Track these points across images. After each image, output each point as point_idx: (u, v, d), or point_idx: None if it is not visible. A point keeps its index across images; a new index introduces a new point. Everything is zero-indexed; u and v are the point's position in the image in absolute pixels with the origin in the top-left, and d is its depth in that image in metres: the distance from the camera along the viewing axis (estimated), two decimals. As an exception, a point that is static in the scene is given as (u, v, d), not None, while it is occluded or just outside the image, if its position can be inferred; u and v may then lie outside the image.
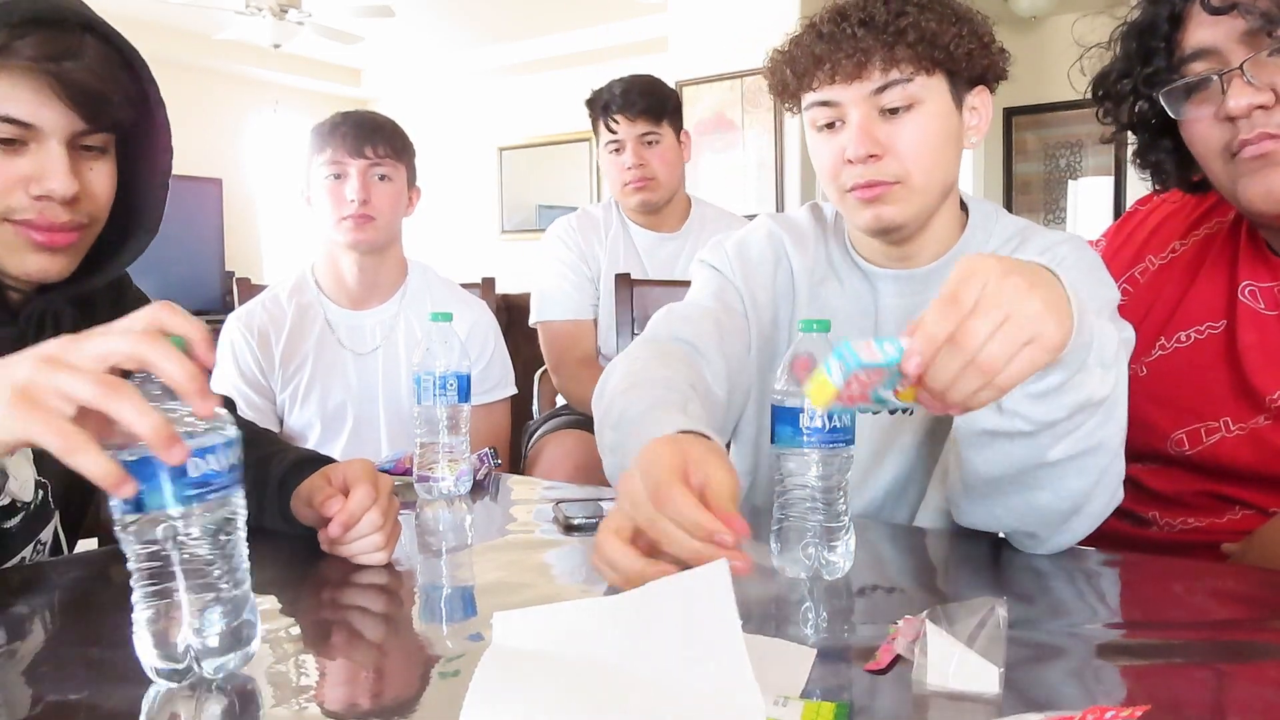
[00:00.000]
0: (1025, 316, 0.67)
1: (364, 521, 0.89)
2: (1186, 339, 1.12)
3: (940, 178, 1.05)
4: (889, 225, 1.04)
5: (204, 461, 0.60)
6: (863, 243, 1.14)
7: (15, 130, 0.85)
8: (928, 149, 1.02)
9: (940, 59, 1.01)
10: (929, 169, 1.03)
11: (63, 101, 0.85)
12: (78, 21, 0.86)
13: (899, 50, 0.99)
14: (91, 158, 0.91)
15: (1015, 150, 6.40)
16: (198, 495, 0.60)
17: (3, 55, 0.82)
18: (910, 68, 1.00)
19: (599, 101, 2.16)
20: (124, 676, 0.63)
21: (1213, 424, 1.07)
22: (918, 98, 1.01)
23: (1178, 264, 1.17)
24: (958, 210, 1.13)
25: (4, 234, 0.88)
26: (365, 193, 1.67)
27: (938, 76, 1.02)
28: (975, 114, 1.08)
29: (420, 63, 7.78)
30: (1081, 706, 0.52)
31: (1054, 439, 0.82)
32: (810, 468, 0.82)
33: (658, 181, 2.13)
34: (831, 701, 0.57)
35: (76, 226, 0.90)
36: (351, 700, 0.65)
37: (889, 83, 1.00)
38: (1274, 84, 0.92)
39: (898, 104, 1.01)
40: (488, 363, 1.80)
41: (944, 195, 1.07)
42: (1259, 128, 0.94)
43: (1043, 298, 0.68)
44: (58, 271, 0.92)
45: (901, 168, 1.02)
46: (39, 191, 0.86)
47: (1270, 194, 0.97)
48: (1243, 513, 1.06)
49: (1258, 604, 0.83)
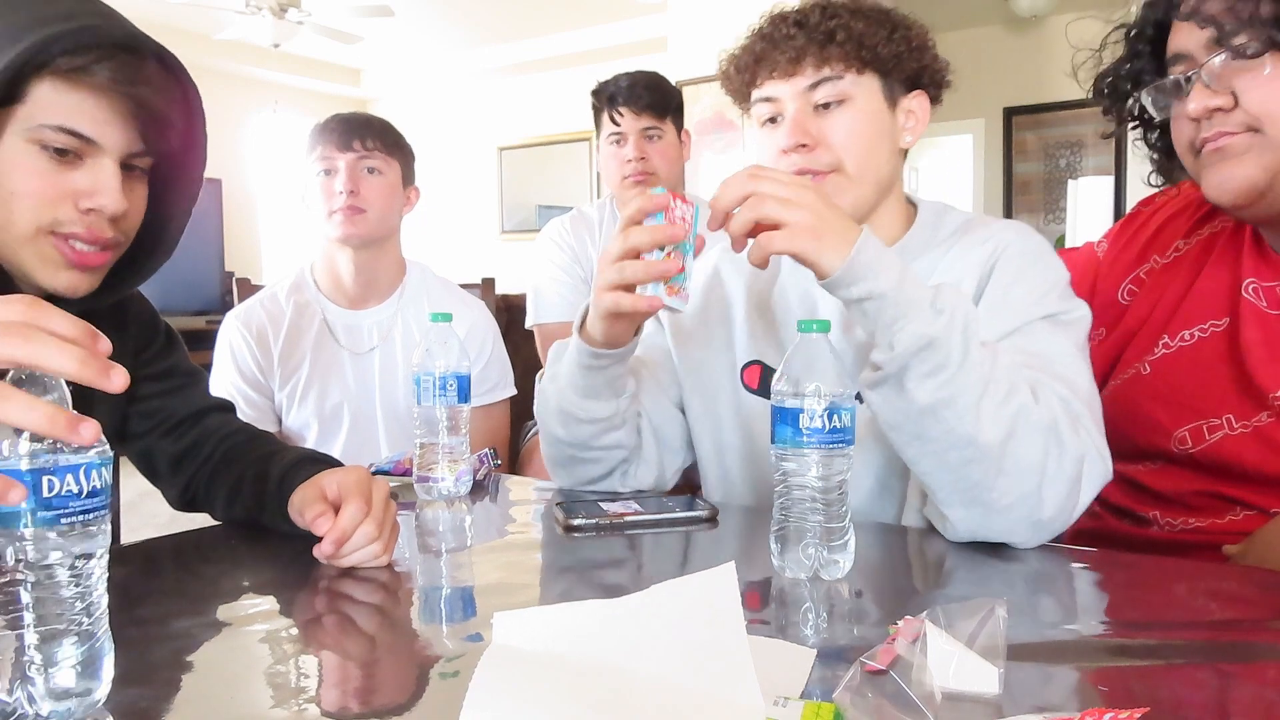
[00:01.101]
0: (805, 205, 0.91)
1: (358, 535, 0.89)
2: (1190, 337, 1.12)
3: (874, 171, 1.11)
4: None
5: (63, 482, 0.54)
6: None
7: (75, 143, 0.86)
8: (858, 141, 1.09)
9: (869, 59, 1.08)
10: (861, 160, 1.09)
11: (128, 122, 0.87)
12: (150, 50, 0.88)
13: (830, 49, 1.07)
14: (134, 178, 0.92)
15: (1015, 150, 6.40)
16: (53, 518, 0.54)
17: (83, 73, 0.84)
18: (841, 66, 1.08)
19: (604, 93, 2.16)
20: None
21: (1215, 421, 1.07)
22: (848, 94, 1.09)
23: (1182, 262, 1.17)
24: (903, 207, 1.18)
25: (43, 248, 0.88)
26: (354, 184, 1.67)
27: (869, 76, 1.10)
28: (911, 116, 1.14)
29: (420, 63, 7.78)
30: (1081, 707, 0.52)
31: (916, 380, 0.88)
32: (810, 468, 0.83)
33: (658, 177, 2.14)
34: (831, 702, 0.57)
35: (114, 244, 0.92)
36: (351, 701, 0.65)
37: (821, 79, 1.08)
38: (1233, 87, 0.98)
39: (829, 99, 1.09)
40: (486, 363, 1.79)
41: (880, 189, 1.12)
42: (1217, 127, 1.00)
43: (827, 217, 0.91)
44: (85, 289, 0.92)
45: (834, 157, 1.09)
46: (89, 205, 0.87)
47: (1221, 185, 1.02)
48: (1244, 513, 1.06)
49: (1258, 604, 0.83)
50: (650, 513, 1.07)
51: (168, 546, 1.03)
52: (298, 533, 0.97)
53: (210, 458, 1.09)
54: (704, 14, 4.67)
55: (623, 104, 2.12)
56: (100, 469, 0.56)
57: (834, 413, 0.82)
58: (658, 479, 1.24)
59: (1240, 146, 0.99)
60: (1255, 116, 0.97)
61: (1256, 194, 1.00)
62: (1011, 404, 0.89)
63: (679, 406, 1.27)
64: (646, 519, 1.06)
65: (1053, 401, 0.92)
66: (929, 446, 0.90)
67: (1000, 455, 0.88)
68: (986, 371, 0.89)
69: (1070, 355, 1.00)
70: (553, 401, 1.16)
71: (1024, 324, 1.01)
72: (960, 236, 1.13)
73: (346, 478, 0.94)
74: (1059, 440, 0.90)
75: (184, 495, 1.11)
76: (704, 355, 1.24)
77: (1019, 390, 0.90)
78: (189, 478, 1.10)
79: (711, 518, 1.07)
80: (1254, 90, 0.97)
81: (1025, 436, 0.89)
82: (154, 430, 1.09)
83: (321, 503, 0.91)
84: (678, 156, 2.19)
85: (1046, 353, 0.99)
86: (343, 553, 0.89)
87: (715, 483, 1.25)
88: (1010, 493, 0.89)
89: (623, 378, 1.15)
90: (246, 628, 0.76)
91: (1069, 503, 0.91)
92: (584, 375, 1.12)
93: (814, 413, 0.81)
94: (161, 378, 1.10)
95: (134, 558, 0.98)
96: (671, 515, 1.07)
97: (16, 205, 0.86)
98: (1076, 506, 0.92)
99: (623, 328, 1.07)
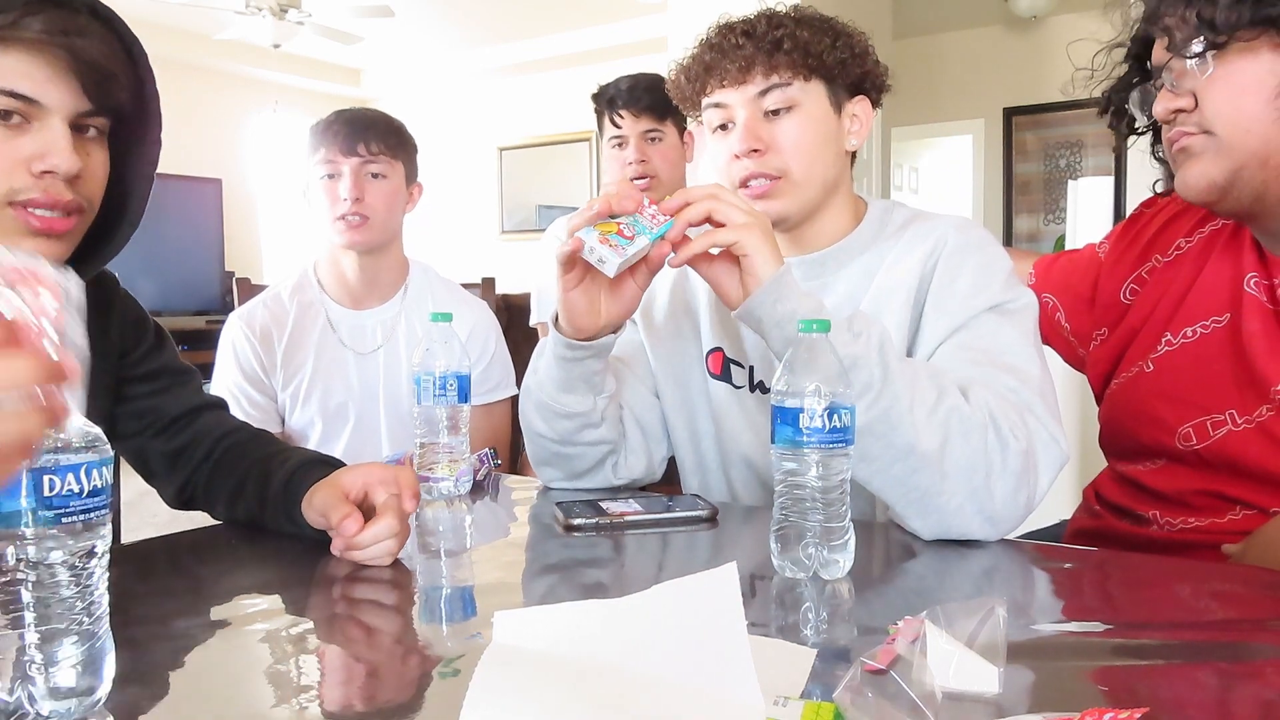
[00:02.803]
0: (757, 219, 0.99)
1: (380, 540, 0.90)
2: (1193, 334, 1.13)
3: (820, 173, 1.15)
4: (777, 218, 1.15)
5: (63, 481, 0.54)
6: None
7: (19, 105, 0.84)
8: (805, 146, 1.14)
9: (815, 66, 1.13)
10: (808, 165, 1.14)
11: (70, 78, 0.85)
12: (84, 2, 0.86)
13: (777, 57, 1.12)
14: (90, 140, 0.90)
15: (1015, 150, 6.39)
16: (54, 517, 0.54)
17: (12, 30, 0.81)
18: (788, 73, 1.13)
19: (604, 96, 2.16)
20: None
21: (1219, 417, 1.08)
22: (796, 100, 1.13)
23: (1183, 261, 1.18)
24: (852, 204, 1.22)
25: (3, 219, 0.86)
26: (358, 190, 1.66)
27: (815, 82, 1.14)
28: (855, 120, 1.19)
29: (420, 63, 7.78)
30: (1081, 707, 0.52)
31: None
32: (810, 468, 0.83)
33: (659, 179, 2.13)
34: (831, 702, 0.57)
35: (76, 209, 0.89)
36: (351, 700, 0.65)
37: (770, 86, 1.13)
38: (1194, 89, 1.03)
39: (778, 105, 1.13)
40: (489, 363, 1.79)
41: (826, 189, 1.17)
42: (1179, 127, 1.05)
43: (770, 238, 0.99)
44: (54, 258, 0.89)
45: (783, 162, 1.13)
46: (42, 168, 0.85)
47: (1185, 183, 1.06)
48: (1243, 513, 1.06)
49: (1258, 604, 0.83)
50: (650, 512, 1.07)
51: (168, 546, 1.04)
52: (300, 533, 0.97)
53: (208, 457, 1.09)
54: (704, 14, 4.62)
55: (623, 107, 2.12)
56: (101, 468, 0.56)
57: (834, 412, 0.82)
58: (647, 469, 1.27)
59: (1198, 146, 1.04)
60: (1207, 119, 1.02)
61: (1219, 191, 1.04)
62: (942, 409, 0.92)
63: (657, 396, 1.30)
64: (646, 519, 1.06)
65: (986, 398, 0.95)
66: (874, 465, 0.94)
67: (940, 459, 0.92)
68: (909, 382, 0.93)
69: (1018, 344, 1.03)
70: (534, 395, 1.19)
71: (970, 318, 1.05)
72: (903, 231, 1.17)
73: (370, 475, 0.94)
74: (998, 434, 0.93)
75: (181, 494, 1.11)
76: (674, 346, 1.28)
77: (948, 394, 0.94)
78: (186, 476, 1.10)
79: (711, 517, 1.07)
80: (1207, 91, 1.02)
81: (961, 437, 0.92)
82: (146, 430, 1.09)
83: (345, 504, 0.92)
84: (679, 158, 2.19)
85: (994, 346, 1.02)
86: (362, 544, 0.90)
87: (691, 469, 1.29)
88: (957, 493, 0.92)
89: (600, 374, 1.16)
90: (246, 627, 0.76)
91: (1020, 494, 0.94)
92: (561, 368, 1.14)
93: (814, 413, 0.81)
94: (152, 378, 1.09)
95: (134, 557, 0.98)
96: (671, 515, 1.07)
97: None
98: (1034, 495, 0.95)
99: (582, 304, 1.08)
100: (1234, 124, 1.01)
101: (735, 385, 1.23)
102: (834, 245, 1.19)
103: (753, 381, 1.21)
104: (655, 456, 1.29)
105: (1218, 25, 0.98)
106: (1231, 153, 1.01)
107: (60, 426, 0.54)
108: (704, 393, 1.25)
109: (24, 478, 0.53)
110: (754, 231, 0.98)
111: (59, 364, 0.51)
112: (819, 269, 1.19)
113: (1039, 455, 0.95)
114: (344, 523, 0.89)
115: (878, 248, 1.17)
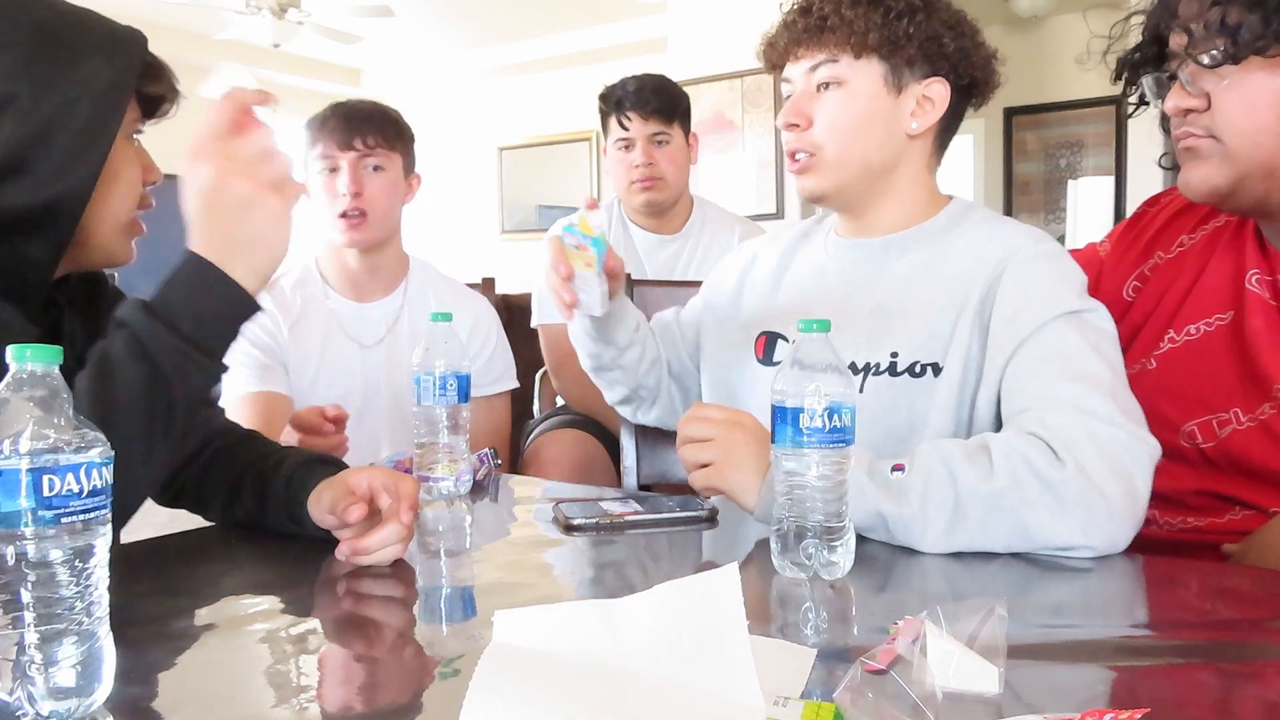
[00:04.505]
0: (718, 445, 0.99)
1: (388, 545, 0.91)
2: (1195, 331, 1.13)
3: (860, 154, 1.14)
4: (811, 195, 1.17)
5: (63, 481, 0.54)
6: (836, 217, 1.27)
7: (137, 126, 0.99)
8: (843, 124, 1.13)
9: (866, 44, 1.11)
10: (845, 144, 1.14)
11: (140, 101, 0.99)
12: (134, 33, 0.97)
13: (825, 35, 1.12)
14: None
15: (1015, 150, 6.40)
16: (54, 517, 0.54)
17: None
18: (836, 50, 1.12)
19: (612, 97, 2.16)
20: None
21: (1224, 415, 1.08)
22: (844, 78, 1.13)
23: (1185, 258, 1.18)
24: (925, 194, 1.20)
25: (132, 227, 0.99)
26: (358, 185, 1.66)
27: (869, 60, 1.12)
28: (926, 103, 1.15)
29: (420, 63, 7.78)
30: (1081, 707, 0.52)
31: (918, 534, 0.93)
32: (810, 468, 0.83)
33: (665, 181, 2.13)
34: (831, 702, 0.57)
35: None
36: (351, 700, 0.65)
37: (818, 62, 1.14)
38: (1208, 90, 1.01)
39: (827, 80, 1.14)
40: (490, 355, 1.80)
41: (871, 174, 1.16)
42: (1187, 127, 1.05)
43: (733, 456, 0.98)
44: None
45: (818, 139, 1.14)
46: (153, 178, 1.01)
47: (1188, 184, 1.06)
48: (1243, 513, 1.06)
49: (1258, 604, 0.83)
50: (650, 512, 1.07)
51: (168, 546, 1.03)
52: (301, 532, 0.97)
53: (198, 456, 1.07)
54: (704, 14, 4.66)
55: (631, 109, 2.12)
56: (101, 468, 0.56)
57: (834, 412, 0.82)
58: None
59: (1205, 150, 1.03)
60: (1217, 124, 1.01)
61: (1219, 196, 1.04)
62: (960, 526, 0.91)
63: (697, 369, 1.37)
64: (646, 519, 1.06)
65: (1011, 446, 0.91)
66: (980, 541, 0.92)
67: (990, 541, 0.91)
68: (920, 508, 0.91)
69: (1086, 351, 1.00)
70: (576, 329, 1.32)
71: (1040, 326, 1.02)
72: (976, 230, 1.15)
73: (375, 480, 0.94)
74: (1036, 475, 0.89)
75: (166, 491, 1.10)
76: (726, 330, 1.32)
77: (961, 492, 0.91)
78: (172, 474, 1.09)
79: (711, 518, 1.07)
80: (1222, 96, 1.00)
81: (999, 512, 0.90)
82: None
83: (351, 496, 0.93)
84: (685, 160, 2.19)
85: (1060, 352, 1.00)
86: (366, 558, 0.91)
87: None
88: (1025, 545, 0.91)
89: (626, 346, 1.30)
90: (246, 627, 0.76)
91: (1096, 510, 0.89)
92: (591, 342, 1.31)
93: (814, 413, 0.81)
94: None
95: (134, 558, 0.98)
96: (671, 515, 1.07)
97: (129, 194, 0.97)
98: (1137, 495, 0.91)
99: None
100: (1244, 134, 1.00)
101: (776, 362, 1.23)
102: (898, 233, 1.18)
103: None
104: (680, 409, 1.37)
105: (1240, 40, 0.96)
106: (1238, 162, 1.01)
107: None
108: (746, 377, 1.26)
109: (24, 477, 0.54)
110: (717, 477, 0.99)
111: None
112: (880, 253, 1.18)
113: (1119, 457, 0.91)
114: (350, 509, 0.90)
115: (944, 241, 1.16)
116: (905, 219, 1.18)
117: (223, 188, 0.86)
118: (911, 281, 1.14)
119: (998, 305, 1.06)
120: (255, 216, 0.87)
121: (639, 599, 0.61)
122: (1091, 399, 0.94)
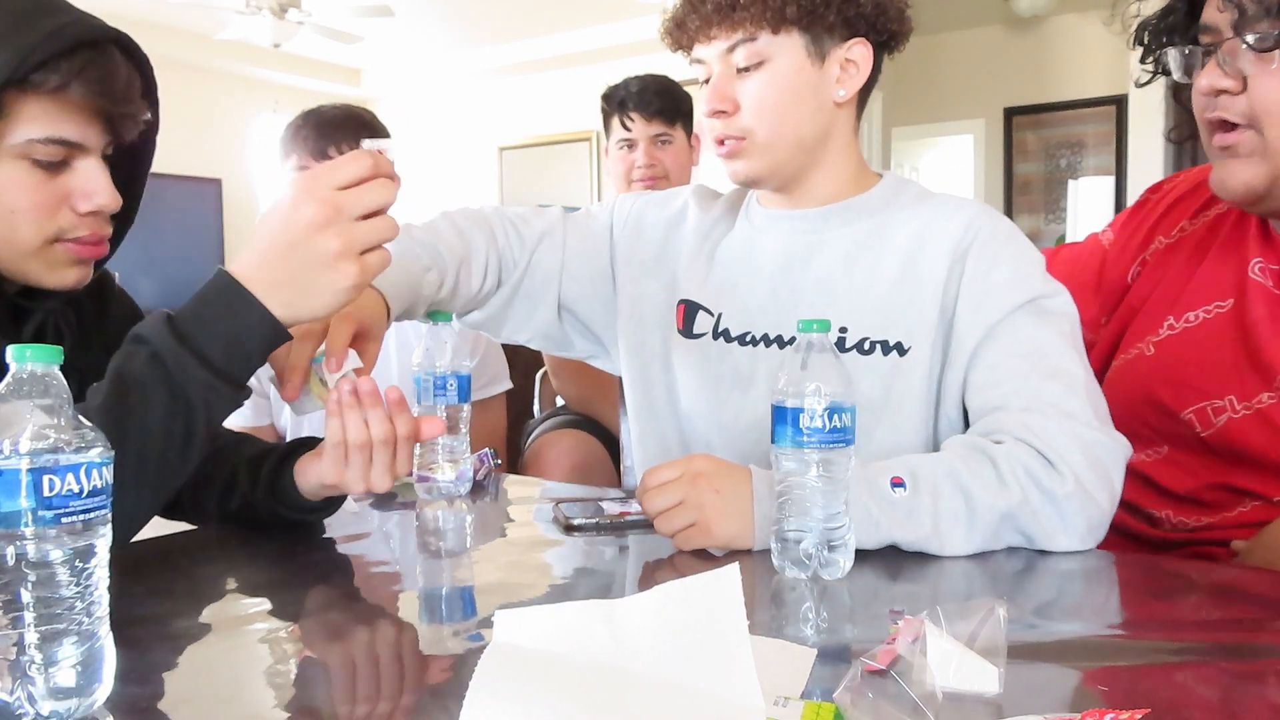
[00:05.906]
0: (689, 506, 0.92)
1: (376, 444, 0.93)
2: (1195, 318, 1.12)
3: (792, 131, 1.09)
4: (745, 179, 1.12)
5: (63, 481, 0.54)
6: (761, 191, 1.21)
7: (63, 152, 0.87)
8: (770, 105, 1.08)
9: (782, 17, 1.05)
10: (775, 125, 1.08)
11: (102, 120, 0.88)
12: (109, 38, 0.87)
13: (737, 14, 1.05)
14: (104, 163, 0.92)
15: (1015, 150, 6.40)
16: (54, 517, 0.54)
17: (63, 90, 0.84)
18: (753, 28, 1.06)
19: (614, 98, 2.16)
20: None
21: (1218, 403, 1.07)
22: (766, 55, 1.07)
23: (1186, 243, 1.17)
24: (855, 162, 1.16)
25: (53, 254, 0.89)
26: None
27: (789, 34, 1.06)
28: (850, 66, 1.10)
29: (420, 63, 7.78)
30: (1081, 707, 0.52)
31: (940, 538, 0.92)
32: (810, 468, 0.83)
33: (667, 182, 2.14)
34: (831, 702, 0.57)
35: (109, 234, 0.93)
36: (351, 700, 0.65)
37: (736, 42, 1.07)
38: (1245, 72, 0.97)
39: (747, 62, 1.07)
40: (482, 357, 1.80)
41: (803, 149, 1.11)
42: (1220, 110, 1.00)
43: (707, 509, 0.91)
44: (90, 277, 0.94)
45: (747, 123, 1.08)
46: (89, 208, 0.89)
47: (1224, 183, 1.04)
48: (1252, 504, 1.05)
49: (1259, 604, 0.83)
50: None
51: (167, 546, 1.03)
52: (296, 519, 0.97)
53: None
54: (704, 14, 4.65)
55: (633, 109, 2.12)
56: (101, 468, 0.56)
57: (834, 413, 0.82)
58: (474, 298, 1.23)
59: (1246, 148, 1.00)
60: (1256, 111, 0.97)
61: (1255, 196, 1.02)
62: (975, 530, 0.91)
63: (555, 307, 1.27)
64: (646, 519, 1.05)
65: (1014, 456, 0.92)
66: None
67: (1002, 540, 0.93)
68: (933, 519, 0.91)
69: (1059, 345, 1.00)
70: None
71: (1008, 314, 1.02)
72: (920, 204, 1.13)
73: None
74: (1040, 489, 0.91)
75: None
76: (643, 287, 1.25)
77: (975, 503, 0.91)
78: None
79: (711, 518, 1.06)
80: (1262, 80, 0.96)
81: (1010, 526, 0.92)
82: None
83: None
84: (687, 161, 2.20)
85: (1034, 350, 1.00)
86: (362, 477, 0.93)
87: (638, 411, 1.27)
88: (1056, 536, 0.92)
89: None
90: (246, 627, 0.76)
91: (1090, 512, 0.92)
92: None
93: (814, 413, 0.81)
94: None
95: (133, 557, 0.98)
96: (671, 515, 1.07)
97: (19, 222, 0.87)
98: (1116, 496, 0.94)
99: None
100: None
101: (696, 335, 1.20)
102: (837, 203, 1.14)
103: (717, 329, 1.18)
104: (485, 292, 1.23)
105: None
106: (1276, 157, 0.98)
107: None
108: (664, 342, 1.23)
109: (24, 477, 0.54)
110: (703, 537, 0.92)
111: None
112: (819, 223, 1.15)
113: (1104, 462, 0.93)
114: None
115: (888, 212, 1.13)
116: (838, 189, 1.14)
117: (314, 234, 0.80)
118: (856, 254, 1.12)
119: (964, 288, 1.05)
120: (327, 278, 0.81)
121: (639, 599, 0.62)
122: (1070, 401, 0.95)
